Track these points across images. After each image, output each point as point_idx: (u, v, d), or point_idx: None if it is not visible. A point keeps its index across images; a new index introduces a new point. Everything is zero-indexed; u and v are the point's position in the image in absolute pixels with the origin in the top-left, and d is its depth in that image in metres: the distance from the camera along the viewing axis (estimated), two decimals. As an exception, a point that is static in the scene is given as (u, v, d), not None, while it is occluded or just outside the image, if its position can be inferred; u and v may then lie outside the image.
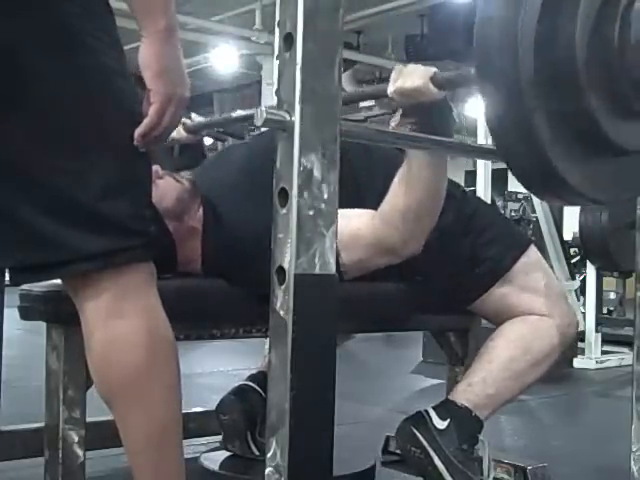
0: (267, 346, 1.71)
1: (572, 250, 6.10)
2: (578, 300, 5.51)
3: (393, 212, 1.61)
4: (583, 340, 4.91)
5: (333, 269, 1.05)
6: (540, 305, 1.77)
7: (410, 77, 1.45)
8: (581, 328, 4.95)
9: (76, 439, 1.43)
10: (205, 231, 1.68)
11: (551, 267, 5.35)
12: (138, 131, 1.23)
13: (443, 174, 1.62)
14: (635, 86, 1.12)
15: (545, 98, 1.09)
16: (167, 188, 1.65)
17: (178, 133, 1.98)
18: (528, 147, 1.11)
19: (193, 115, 2.09)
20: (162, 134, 1.26)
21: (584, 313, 5.18)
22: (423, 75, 1.44)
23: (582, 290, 5.38)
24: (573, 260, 5.95)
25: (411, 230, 1.61)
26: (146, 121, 1.23)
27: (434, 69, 1.45)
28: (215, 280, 1.66)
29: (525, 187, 1.30)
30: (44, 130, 1.18)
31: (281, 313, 1.02)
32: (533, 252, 1.84)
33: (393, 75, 1.49)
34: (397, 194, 1.61)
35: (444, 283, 1.81)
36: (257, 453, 1.94)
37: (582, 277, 5.47)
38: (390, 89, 1.49)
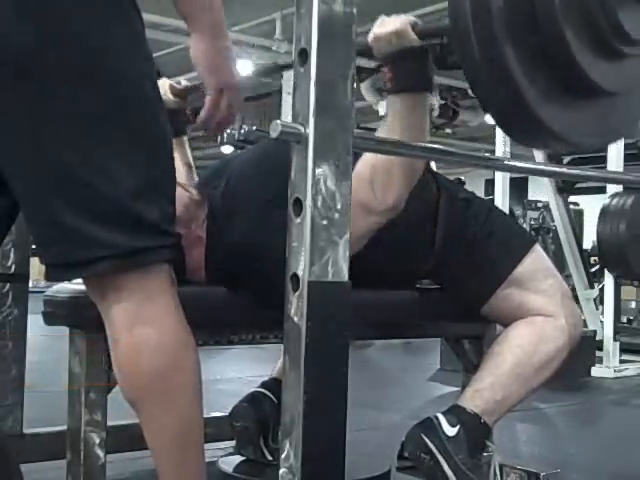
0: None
1: (592, 259, 6.08)
2: (597, 309, 5.50)
3: (364, 167, 1.57)
4: (601, 349, 4.89)
5: (346, 276, 1.08)
6: (545, 305, 1.76)
7: (391, 22, 1.49)
8: (599, 337, 4.94)
9: (97, 441, 1.46)
10: (209, 240, 1.68)
11: (569, 276, 5.40)
12: (199, 119, 1.36)
13: (416, 122, 1.55)
14: (614, 24, 1.08)
15: (520, 39, 1.07)
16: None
17: (166, 97, 1.95)
18: (505, 92, 1.09)
19: (182, 81, 2.06)
20: (222, 122, 1.37)
21: (602, 322, 5.16)
22: (403, 21, 1.48)
23: (601, 299, 5.37)
24: (593, 269, 5.93)
25: (384, 183, 1.57)
26: (203, 112, 1.35)
27: (414, 18, 1.50)
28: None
29: (507, 134, 1.28)
30: (78, 131, 1.19)
31: (295, 319, 1.06)
32: (537, 252, 1.84)
33: (375, 24, 1.52)
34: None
35: (451, 288, 1.83)
36: (270, 458, 1.96)
37: (601, 286, 5.45)
38: (370, 36, 1.52)
